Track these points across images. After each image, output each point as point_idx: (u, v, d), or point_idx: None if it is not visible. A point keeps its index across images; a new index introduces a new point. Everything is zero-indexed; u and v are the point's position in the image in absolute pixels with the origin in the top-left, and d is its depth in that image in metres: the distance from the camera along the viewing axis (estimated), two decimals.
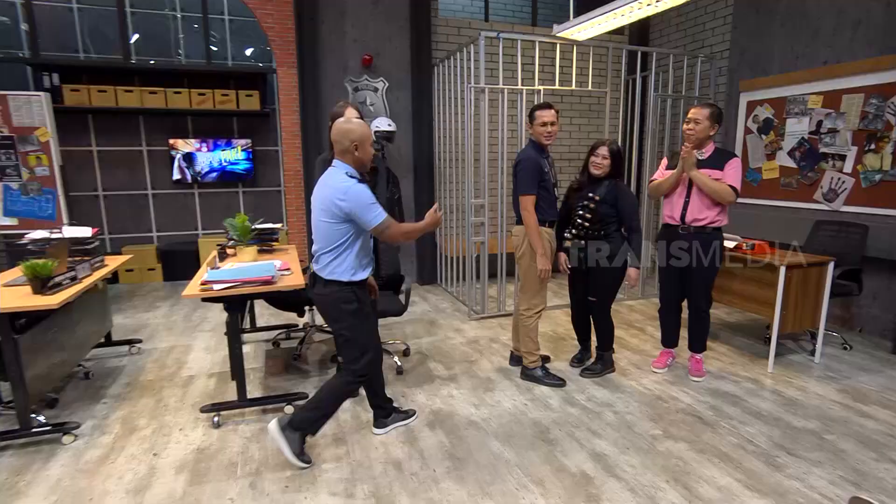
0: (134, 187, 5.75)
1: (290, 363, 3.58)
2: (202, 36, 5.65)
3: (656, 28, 6.29)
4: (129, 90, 5.27)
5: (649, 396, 3.07)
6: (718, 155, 3.07)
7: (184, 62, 5.69)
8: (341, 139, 2.23)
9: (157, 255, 5.83)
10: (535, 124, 3.06)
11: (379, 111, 5.64)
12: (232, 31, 5.75)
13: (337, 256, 2.24)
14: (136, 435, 2.63)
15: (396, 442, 2.57)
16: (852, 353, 3.72)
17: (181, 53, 5.68)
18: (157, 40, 5.58)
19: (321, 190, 2.24)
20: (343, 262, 2.25)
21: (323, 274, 2.27)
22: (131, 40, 5.48)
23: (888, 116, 3.84)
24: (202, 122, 5.81)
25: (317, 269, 2.30)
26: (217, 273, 2.72)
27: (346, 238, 2.22)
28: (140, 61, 5.51)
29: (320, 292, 2.31)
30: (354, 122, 2.27)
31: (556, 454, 2.46)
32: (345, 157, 2.25)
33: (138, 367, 3.49)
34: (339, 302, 2.28)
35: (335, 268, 2.25)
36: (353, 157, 2.25)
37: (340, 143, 2.24)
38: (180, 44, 5.66)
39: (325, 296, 2.30)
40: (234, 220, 3.25)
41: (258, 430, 2.67)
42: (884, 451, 2.49)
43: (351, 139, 2.22)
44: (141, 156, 5.71)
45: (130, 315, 4.66)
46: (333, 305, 2.30)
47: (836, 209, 4.21)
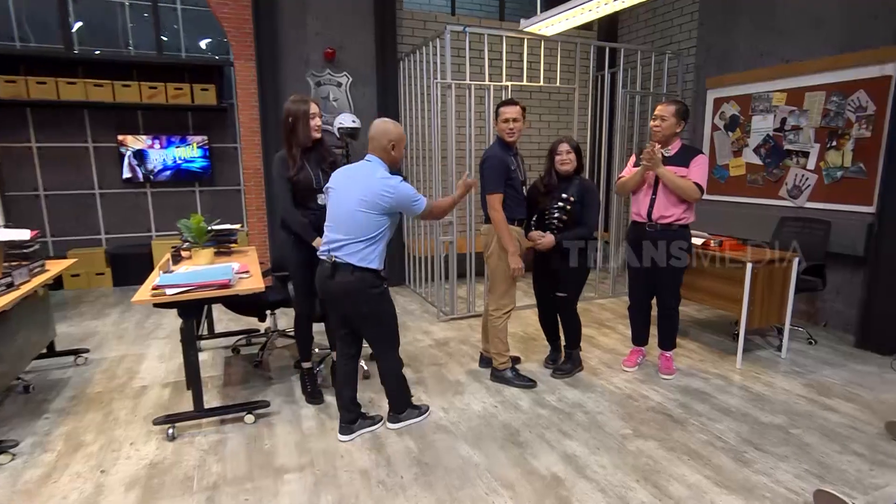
0: (79, 186, 5.54)
1: (250, 370, 3.51)
2: (152, 25, 5.48)
3: (624, 24, 6.43)
4: (72, 82, 5.09)
5: (620, 395, 3.13)
6: (685, 152, 3.15)
7: (133, 53, 5.52)
8: (380, 137, 2.45)
9: (106, 259, 5.64)
10: (499, 121, 3.09)
11: (343, 107, 5.59)
12: (185, 20, 5.61)
13: (369, 245, 2.41)
14: (82, 452, 2.54)
15: (362, 449, 2.55)
16: (817, 348, 3.88)
17: (130, 44, 5.51)
18: (102, 29, 5.39)
19: (356, 181, 2.42)
20: (374, 252, 2.43)
21: (353, 261, 2.39)
22: (73, 28, 5.28)
23: (848, 114, 4.02)
24: (154, 118, 5.65)
25: (342, 256, 2.40)
26: (170, 277, 2.65)
27: (382, 229, 2.43)
28: (84, 51, 5.32)
29: (346, 279, 2.41)
30: (392, 123, 2.50)
31: (526, 457, 2.49)
32: (380, 154, 2.47)
33: (85, 379, 3.36)
34: (368, 287, 2.43)
35: (367, 255, 2.41)
36: (389, 156, 2.48)
37: (378, 141, 2.45)
38: (128, 33, 5.49)
39: (351, 282, 2.41)
40: (188, 221, 3.16)
41: (216, 442, 2.61)
42: (846, 444, 2.60)
43: (389, 138, 2.45)
44: (87, 153, 5.51)
45: (76, 323, 4.50)
46: (362, 291, 2.43)
47: (800, 206, 4.38)
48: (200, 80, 5.52)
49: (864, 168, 3.94)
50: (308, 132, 2.80)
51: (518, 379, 3.25)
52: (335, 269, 2.42)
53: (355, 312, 2.50)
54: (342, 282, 2.41)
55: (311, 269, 2.94)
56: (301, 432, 2.71)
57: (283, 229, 2.91)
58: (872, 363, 3.60)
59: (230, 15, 5.28)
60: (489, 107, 4.42)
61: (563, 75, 6.05)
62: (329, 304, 2.61)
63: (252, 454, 2.52)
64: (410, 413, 2.80)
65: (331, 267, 2.43)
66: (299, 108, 2.77)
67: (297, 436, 2.67)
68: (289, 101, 2.82)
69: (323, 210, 2.88)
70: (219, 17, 5.27)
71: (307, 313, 3.03)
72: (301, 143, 2.80)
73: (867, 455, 2.50)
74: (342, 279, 2.41)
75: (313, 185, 2.83)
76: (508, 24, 6.17)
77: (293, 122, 2.77)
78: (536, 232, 3.19)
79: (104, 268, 5.63)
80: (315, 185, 2.84)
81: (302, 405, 3.01)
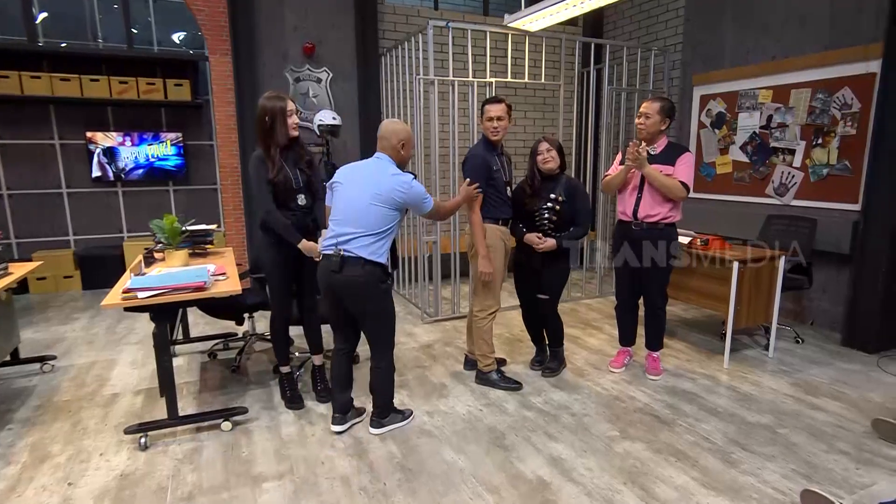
0: (46, 185, 5.44)
1: (228, 375, 3.47)
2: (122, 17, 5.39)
3: (610, 20, 6.49)
4: (37, 76, 4.99)
5: (607, 397, 3.15)
6: (671, 149, 3.18)
7: (101, 46, 5.42)
8: (390, 136, 2.55)
9: (75, 261, 5.53)
10: (484, 119, 3.09)
11: (323, 103, 5.56)
12: (157, 13, 5.53)
13: (379, 240, 2.48)
14: (49, 463, 2.49)
15: (344, 455, 2.53)
16: (804, 347, 3.95)
17: (99, 37, 5.41)
18: (69, 20, 5.29)
19: (369, 178, 2.51)
20: (383, 246, 2.51)
21: (364, 254, 2.45)
22: (37, 20, 5.17)
23: (833, 111, 4.10)
24: (125, 114, 5.56)
25: (351, 249, 2.45)
26: (142, 280, 2.60)
27: (393, 224, 2.53)
28: (49, 44, 5.22)
29: (355, 273, 2.45)
30: (401, 124, 2.61)
31: (511, 460, 2.49)
32: (390, 152, 2.57)
33: (52, 387, 3.30)
34: (378, 281, 2.50)
35: (377, 249, 2.48)
36: (399, 155, 2.58)
37: (388, 140, 2.56)
38: (97, 25, 5.39)
39: (360, 276, 2.46)
40: (161, 222, 3.11)
41: (191, 451, 2.58)
42: (833, 443, 2.65)
43: (399, 138, 2.56)
44: (53, 150, 5.40)
45: (43, 329, 4.40)
46: (371, 284, 2.48)
47: (786, 203, 4.45)
48: (174, 75, 5.45)
49: (849, 165, 4.02)
50: (286, 130, 2.76)
51: (503, 381, 3.25)
52: (344, 263, 2.45)
53: (360, 308, 2.54)
54: (351, 275, 2.45)
55: (288, 271, 2.92)
56: (280, 439, 2.68)
57: (263, 230, 2.87)
58: (858, 361, 3.67)
59: (204, 7, 5.20)
60: (473, 104, 4.43)
61: (549, 72, 6.09)
62: (331, 299, 2.59)
63: (229, 462, 2.48)
64: (393, 418, 2.79)
65: (339, 261, 2.45)
66: (276, 105, 2.73)
67: (276, 442, 2.65)
68: (263, 98, 2.78)
69: (304, 210, 2.87)
70: (192, 10, 5.19)
71: (284, 316, 3.01)
72: (278, 142, 2.76)
73: (853, 454, 2.55)
74: (351, 273, 2.45)
75: (293, 186, 2.81)
76: (492, 20, 6.18)
77: (270, 120, 2.73)
78: (533, 235, 3.18)
79: (73, 270, 5.52)
80: (294, 186, 2.81)
81: (281, 411, 2.98)
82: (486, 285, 3.15)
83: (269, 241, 2.85)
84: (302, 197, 2.85)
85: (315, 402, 3.07)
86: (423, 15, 5.88)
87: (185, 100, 5.45)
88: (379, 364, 2.67)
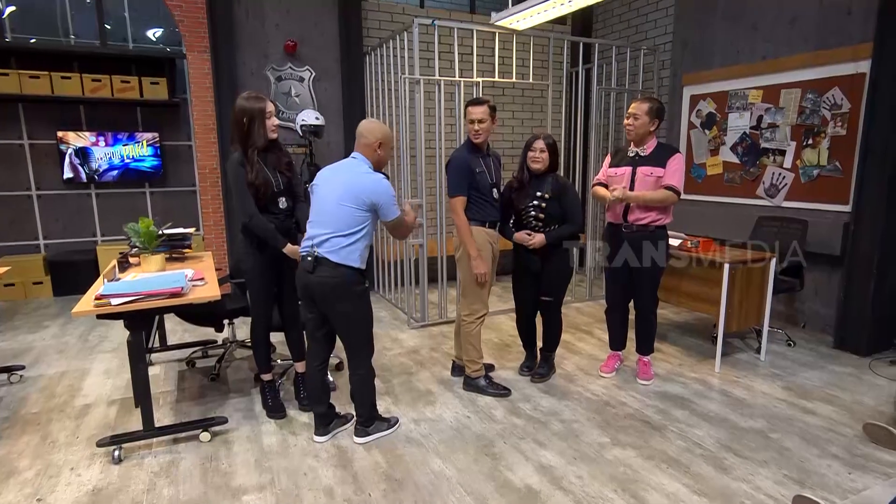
0: (14, 187, 5.35)
1: (207, 384, 3.43)
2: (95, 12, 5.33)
3: (599, 18, 6.55)
4: (4, 73, 4.91)
5: (597, 403, 3.17)
6: (660, 151, 3.21)
7: (73, 43, 5.36)
8: (367, 135, 2.57)
9: (45, 266, 5.44)
10: (466, 121, 3.13)
11: (305, 103, 5.54)
12: (132, 8, 5.47)
13: (352, 242, 2.49)
14: (16, 479, 2.44)
15: (327, 465, 2.52)
16: (796, 350, 4.00)
17: (70, 32, 5.34)
18: (38, 15, 5.21)
19: (341, 175, 2.54)
20: (356, 249, 2.51)
21: (334, 258, 2.47)
22: (4, 14, 5.09)
23: (824, 112, 4.17)
24: (99, 113, 5.49)
25: (323, 252, 2.48)
26: (115, 286, 2.57)
27: (364, 225, 2.51)
28: (17, 39, 5.14)
29: (327, 274, 2.48)
30: (380, 123, 2.63)
31: (500, 469, 2.49)
32: (365, 152, 2.58)
33: (19, 399, 3.24)
34: (350, 284, 2.51)
35: (349, 253, 2.49)
36: (376, 155, 2.59)
37: (366, 138, 2.57)
38: (68, 21, 5.33)
39: (333, 278, 2.48)
40: (136, 225, 3.07)
41: (168, 463, 2.55)
42: (825, 447, 2.68)
43: (377, 137, 2.56)
44: (22, 150, 5.32)
45: (10, 337, 4.33)
46: (343, 287, 2.50)
47: (777, 205, 4.52)
48: (150, 73, 5.39)
49: (839, 166, 4.09)
50: (265, 132, 2.74)
51: (492, 387, 3.26)
52: (317, 264, 2.48)
53: (333, 310, 2.56)
54: (323, 277, 2.48)
55: (269, 276, 2.90)
56: (261, 449, 2.66)
57: (244, 234, 2.85)
58: (850, 364, 3.73)
59: (182, 3, 5.17)
60: (459, 104, 4.44)
61: (537, 71, 6.13)
62: (306, 301, 2.62)
63: (208, 475, 2.46)
64: (378, 426, 2.79)
65: (312, 262, 2.48)
66: (255, 107, 2.70)
67: (257, 453, 2.63)
68: (241, 98, 2.75)
69: (286, 214, 2.86)
70: (169, 6, 5.15)
71: (265, 323, 2.98)
72: (257, 144, 2.74)
73: (846, 458, 2.58)
74: (324, 274, 2.48)
75: (273, 189, 2.79)
76: (479, 18, 6.21)
77: (248, 121, 2.71)
78: (522, 232, 3.21)
79: (43, 276, 5.43)
80: (275, 189, 2.80)
81: (262, 420, 2.96)
82: (473, 289, 3.16)
83: (250, 246, 2.83)
84: (283, 200, 2.84)
85: (298, 411, 3.06)
86: (409, 13, 5.89)
87: (161, 99, 5.40)
88: (357, 370, 2.67)
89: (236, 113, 2.72)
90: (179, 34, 5.29)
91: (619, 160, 3.32)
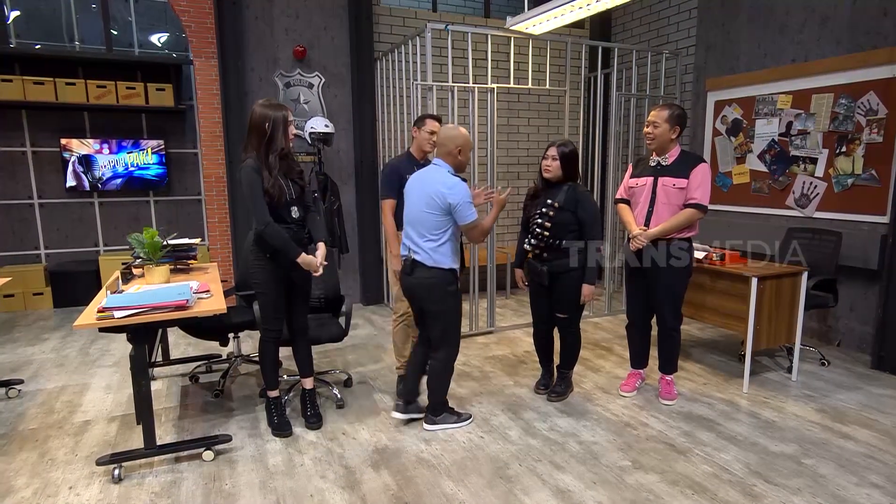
0: (15, 195, 5.45)
1: (210, 400, 3.45)
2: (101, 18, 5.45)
3: (618, 22, 6.57)
4: (8, 79, 5.03)
5: (617, 423, 3.14)
6: (684, 160, 3.18)
7: (78, 48, 5.48)
8: (447, 143, 2.86)
9: (46, 277, 5.53)
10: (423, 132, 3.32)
11: (314, 110, 5.60)
12: (138, 13, 5.59)
13: (440, 245, 2.82)
14: (13, 498, 2.46)
15: (335, 487, 2.52)
16: (830, 369, 3.94)
17: (76, 38, 5.47)
18: (43, 21, 5.34)
19: (423, 185, 2.84)
20: (445, 251, 2.83)
21: (427, 262, 2.82)
22: (9, 20, 5.22)
23: (858, 117, 4.13)
24: (103, 120, 5.60)
25: (418, 257, 2.84)
26: (119, 298, 2.60)
27: (446, 228, 2.82)
28: (22, 45, 5.27)
29: (423, 276, 2.84)
30: (459, 129, 2.90)
31: (515, 492, 2.47)
32: (447, 158, 2.87)
33: (17, 414, 3.27)
34: (444, 284, 2.85)
35: (439, 256, 2.82)
36: (456, 160, 2.88)
37: (445, 146, 2.87)
38: (74, 26, 5.45)
39: (428, 279, 2.84)
40: (140, 235, 3.12)
41: (169, 483, 2.56)
42: (864, 475, 2.63)
43: (456, 144, 2.85)
44: (24, 158, 5.43)
45: (9, 350, 4.39)
46: (438, 287, 2.85)
47: (808, 215, 4.47)
48: (156, 80, 5.50)
49: (876, 175, 4.05)
50: (286, 141, 2.82)
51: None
52: (414, 267, 2.85)
53: (426, 307, 2.91)
54: (420, 278, 2.85)
55: (280, 288, 2.92)
56: (266, 469, 2.66)
57: (256, 244, 2.88)
58: (891, 385, 3.66)
59: (189, 8, 5.27)
60: (473, 111, 4.46)
61: (553, 77, 6.14)
62: (409, 297, 3.02)
63: (210, 496, 2.46)
64: (447, 417, 3.06)
65: (410, 265, 2.87)
66: (278, 115, 2.77)
67: (262, 473, 2.63)
68: (261, 105, 2.81)
69: (299, 224, 2.91)
70: (176, 11, 5.26)
71: (274, 337, 3.00)
72: (278, 152, 2.80)
73: (887, 488, 2.53)
74: (420, 275, 2.85)
75: (286, 198, 2.83)
76: (494, 22, 6.26)
77: (271, 128, 2.77)
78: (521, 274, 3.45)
79: (43, 287, 5.51)
80: (288, 198, 2.84)
81: (268, 439, 2.96)
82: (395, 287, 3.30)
83: (262, 256, 2.86)
84: (295, 209, 2.89)
85: (304, 429, 3.06)
86: (421, 17, 5.96)
87: (167, 105, 5.49)
88: (438, 360, 2.97)
89: (257, 119, 2.77)
90: (185, 40, 5.39)
91: (640, 171, 3.31)
